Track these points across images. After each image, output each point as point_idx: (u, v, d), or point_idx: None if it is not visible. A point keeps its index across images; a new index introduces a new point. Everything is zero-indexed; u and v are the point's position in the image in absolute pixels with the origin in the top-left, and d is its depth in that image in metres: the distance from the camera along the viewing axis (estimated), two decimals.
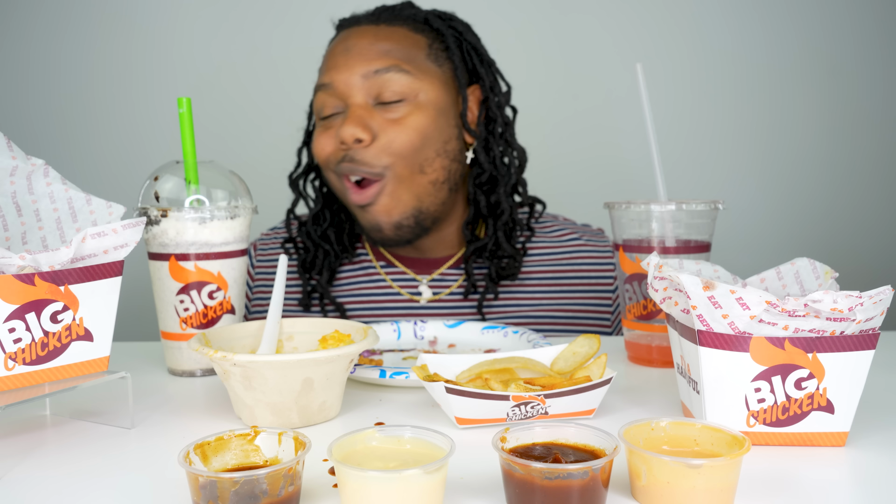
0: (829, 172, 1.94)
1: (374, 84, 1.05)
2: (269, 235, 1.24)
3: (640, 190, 1.81)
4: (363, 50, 1.06)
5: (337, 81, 1.06)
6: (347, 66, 1.05)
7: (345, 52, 1.07)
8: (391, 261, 1.17)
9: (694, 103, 1.93)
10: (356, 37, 1.08)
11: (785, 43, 1.91)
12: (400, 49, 1.07)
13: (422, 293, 1.14)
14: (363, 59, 1.05)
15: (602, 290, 1.16)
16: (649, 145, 0.89)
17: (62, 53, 1.88)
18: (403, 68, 1.05)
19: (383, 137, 1.04)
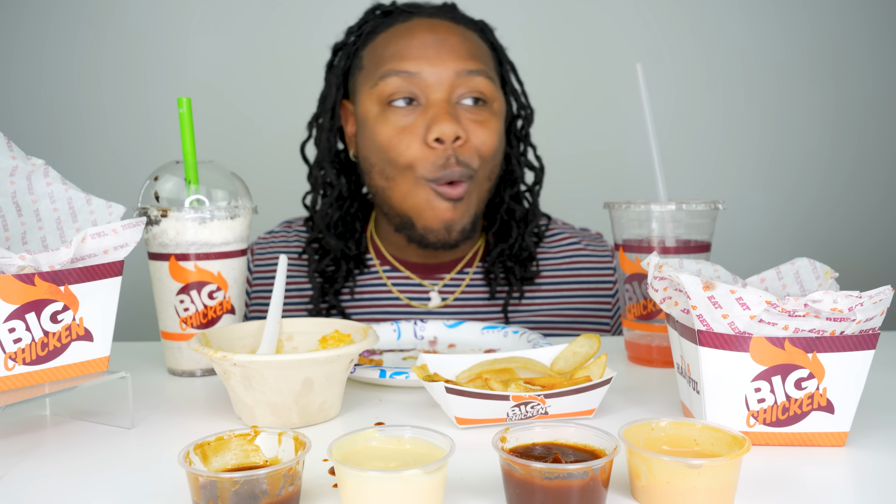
0: (829, 172, 1.94)
1: (462, 83, 1.04)
2: (265, 239, 1.22)
3: (640, 190, 1.81)
4: (456, 46, 1.04)
5: (426, 73, 1.03)
6: (440, 59, 1.03)
7: (437, 45, 1.04)
8: (397, 267, 1.16)
9: (694, 103, 1.93)
10: (445, 31, 1.06)
11: (786, 43, 1.91)
12: (482, 55, 1.08)
13: (431, 299, 1.13)
14: (457, 57, 1.04)
15: (601, 295, 1.16)
16: (649, 145, 0.89)
17: (62, 53, 1.88)
18: (489, 74, 1.06)
19: (474, 137, 1.04)
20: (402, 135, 1.04)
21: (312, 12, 1.89)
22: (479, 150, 1.05)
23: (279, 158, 1.87)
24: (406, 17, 1.10)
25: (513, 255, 1.14)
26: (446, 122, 1.01)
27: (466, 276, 1.16)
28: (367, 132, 1.07)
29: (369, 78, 1.07)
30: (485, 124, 1.05)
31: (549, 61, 1.91)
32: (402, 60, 1.04)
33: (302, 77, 1.89)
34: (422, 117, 1.03)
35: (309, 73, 1.89)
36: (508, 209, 1.16)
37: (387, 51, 1.06)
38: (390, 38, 1.07)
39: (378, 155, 1.06)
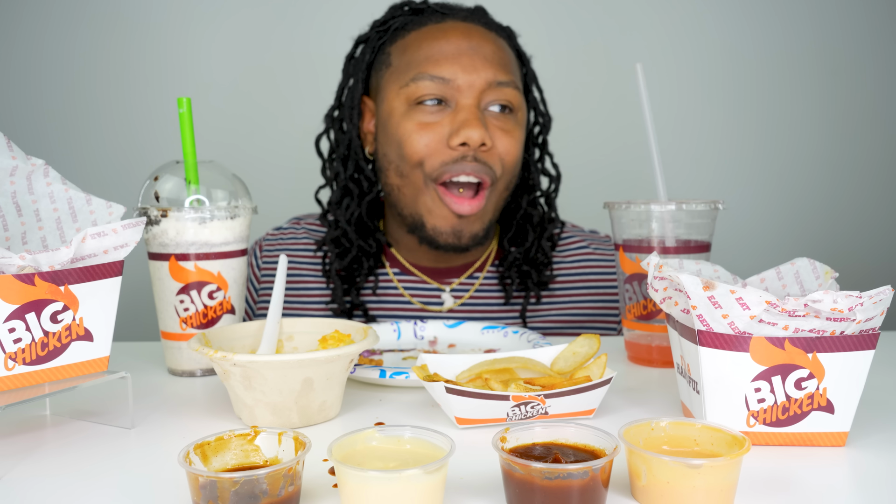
0: (829, 172, 1.94)
1: (492, 93, 1.04)
2: (274, 236, 1.21)
3: (640, 190, 1.81)
4: (490, 56, 1.04)
5: (459, 79, 1.02)
6: (474, 67, 1.03)
7: (471, 52, 1.04)
8: (408, 269, 1.15)
9: (694, 103, 1.93)
10: (479, 38, 1.06)
11: (786, 43, 1.91)
12: (511, 63, 1.08)
13: (444, 302, 1.13)
14: (491, 67, 1.04)
15: (608, 299, 1.17)
16: (649, 145, 0.89)
17: (62, 53, 1.88)
18: (518, 85, 1.06)
19: (500, 145, 1.04)
20: (423, 130, 1.03)
21: (313, 13, 1.89)
22: (503, 158, 1.05)
23: (279, 158, 1.87)
24: (439, 18, 1.09)
25: (529, 259, 1.14)
26: (475, 127, 1.01)
27: (477, 279, 1.15)
28: (389, 129, 1.07)
29: (399, 77, 1.06)
30: (510, 133, 1.05)
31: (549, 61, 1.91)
32: (437, 65, 1.03)
33: (302, 77, 1.89)
34: (449, 119, 1.03)
35: (309, 73, 1.89)
36: (525, 214, 1.16)
37: (420, 52, 1.05)
38: (423, 39, 1.06)
39: (395, 150, 1.06)
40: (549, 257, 1.15)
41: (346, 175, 1.13)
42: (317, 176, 1.23)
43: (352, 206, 1.13)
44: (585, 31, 1.92)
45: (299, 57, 1.89)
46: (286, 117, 1.88)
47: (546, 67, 1.90)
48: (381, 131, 1.09)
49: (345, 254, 1.13)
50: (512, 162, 1.06)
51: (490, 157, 1.03)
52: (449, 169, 1.03)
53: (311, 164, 1.91)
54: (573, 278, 1.17)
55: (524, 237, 1.16)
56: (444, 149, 1.02)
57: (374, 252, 1.14)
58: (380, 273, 1.16)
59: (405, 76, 1.05)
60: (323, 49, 1.89)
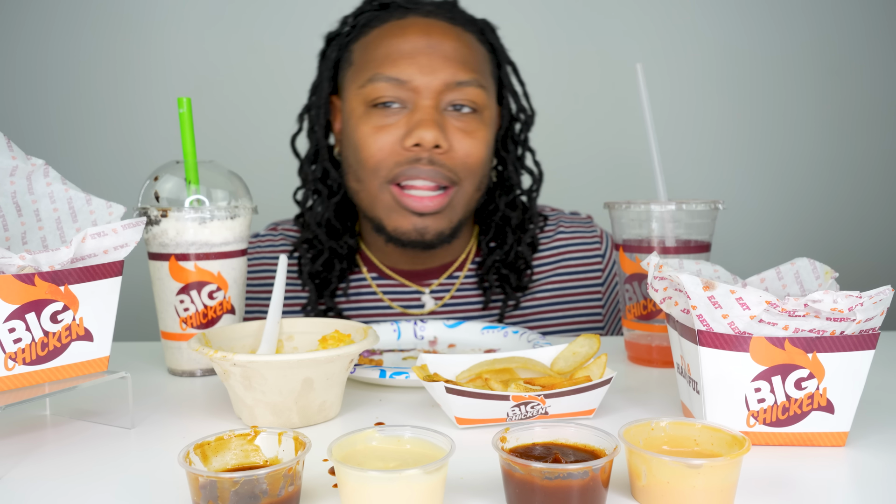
0: (829, 172, 1.94)
1: (451, 92, 1.01)
2: (252, 244, 1.18)
3: (640, 190, 1.81)
4: (449, 54, 1.01)
5: (416, 80, 1.00)
6: (432, 67, 1.00)
7: (428, 50, 1.00)
8: (386, 273, 1.13)
9: (694, 103, 1.93)
10: (440, 35, 1.02)
11: (785, 43, 1.91)
12: (477, 61, 1.04)
13: (424, 304, 1.11)
14: (449, 66, 1.00)
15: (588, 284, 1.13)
16: (649, 145, 0.89)
17: (62, 53, 1.88)
18: (482, 83, 1.03)
19: (459, 147, 1.01)
20: (379, 134, 1.01)
21: (313, 12, 1.89)
22: (465, 160, 1.02)
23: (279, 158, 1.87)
24: (402, 13, 1.05)
25: (507, 263, 1.12)
26: (429, 128, 0.98)
27: (457, 280, 1.13)
28: (348, 131, 1.05)
29: (358, 77, 1.04)
30: (472, 134, 1.02)
31: (549, 61, 1.92)
32: (393, 65, 1.01)
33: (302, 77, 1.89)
34: (405, 120, 1.01)
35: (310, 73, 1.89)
36: (504, 216, 1.13)
37: (378, 51, 1.03)
38: (383, 37, 1.04)
39: (353, 155, 1.04)
40: (529, 261, 1.12)
41: (314, 176, 1.12)
42: None
43: (322, 208, 1.11)
44: (585, 31, 1.92)
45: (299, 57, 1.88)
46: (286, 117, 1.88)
47: (546, 67, 1.90)
48: (344, 133, 1.08)
49: (317, 256, 1.12)
50: (476, 163, 1.03)
51: (449, 159, 1.01)
52: (404, 171, 1.01)
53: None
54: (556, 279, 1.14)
55: (503, 239, 1.13)
56: (400, 150, 1.00)
57: (347, 254, 1.12)
58: (356, 278, 1.14)
59: (363, 76, 1.03)
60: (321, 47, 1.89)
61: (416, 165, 1.00)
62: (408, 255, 1.11)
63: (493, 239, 1.15)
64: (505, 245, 1.12)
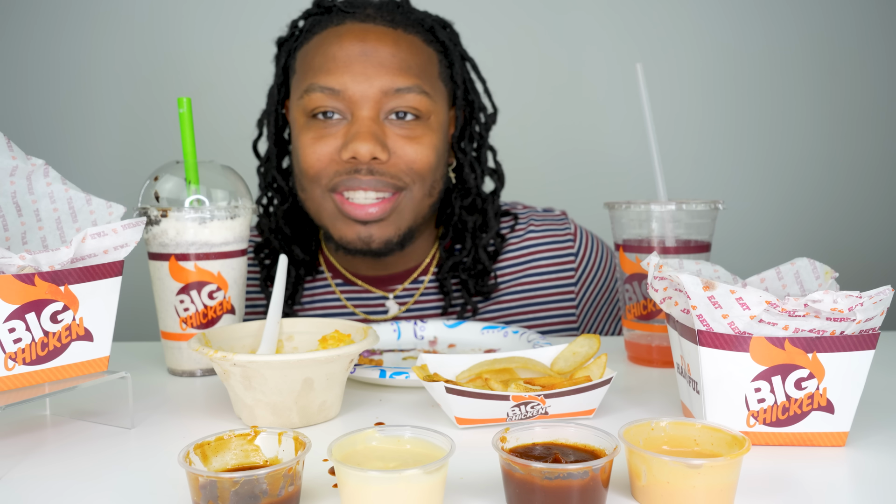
0: (829, 172, 1.94)
1: (390, 100, 0.98)
2: None
3: (640, 190, 1.81)
4: (384, 60, 0.98)
5: (350, 90, 0.97)
6: (366, 75, 0.97)
7: (363, 58, 0.97)
8: (350, 279, 1.11)
9: (694, 103, 1.93)
10: (375, 40, 0.98)
11: (785, 43, 1.91)
12: (418, 65, 1.00)
13: (389, 309, 1.09)
14: (385, 73, 0.97)
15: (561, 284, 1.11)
16: (649, 145, 0.89)
17: (62, 53, 1.88)
18: (424, 89, 1.00)
19: (403, 154, 0.99)
20: (316, 144, 0.99)
21: None
22: (410, 166, 1.00)
23: None
24: (340, 18, 1.02)
25: (466, 268, 1.09)
26: (364, 141, 0.96)
27: (421, 284, 1.11)
28: (293, 140, 1.04)
29: (298, 86, 1.02)
30: (417, 140, 1.00)
31: (549, 61, 1.92)
32: (327, 74, 0.98)
33: None
34: (344, 131, 0.99)
35: None
36: (460, 219, 1.10)
37: (315, 60, 1.00)
38: (320, 45, 1.01)
39: (296, 164, 1.03)
40: (488, 266, 1.09)
41: (266, 183, 1.11)
42: None
43: (274, 215, 1.10)
44: (585, 31, 1.92)
45: None
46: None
47: (545, 66, 1.90)
48: (291, 142, 1.06)
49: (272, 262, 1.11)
50: (423, 168, 1.00)
51: (391, 167, 0.99)
52: (343, 182, 0.99)
53: None
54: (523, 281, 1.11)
55: (463, 242, 1.10)
56: (338, 160, 0.99)
57: (302, 260, 1.10)
58: (320, 284, 1.12)
59: (301, 86, 1.01)
60: None
61: (356, 176, 0.98)
62: (367, 261, 1.09)
63: (452, 242, 1.12)
64: (463, 250, 1.10)
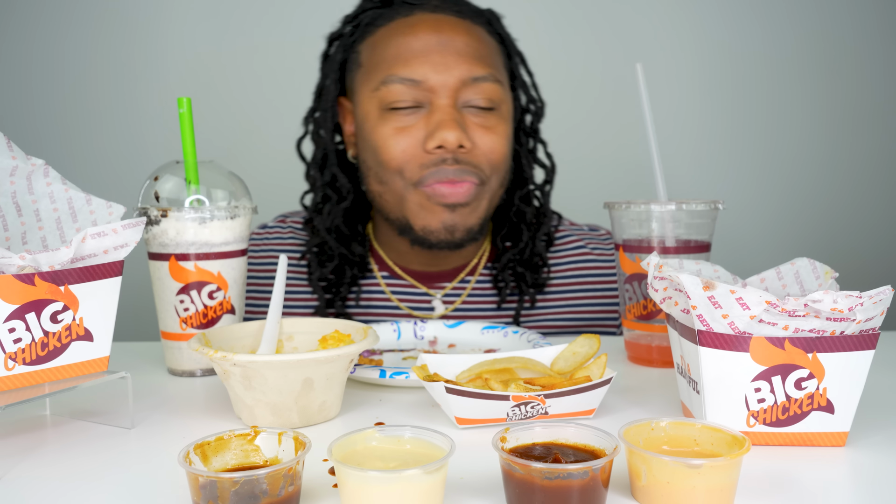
0: (829, 172, 1.94)
1: (468, 89, 0.99)
2: (259, 235, 1.16)
3: (640, 190, 1.81)
4: (461, 50, 0.99)
5: (431, 79, 0.98)
6: (446, 65, 0.98)
7: (440, 48, 0.98)
8: (398, 273, 1.11)
9: (694, 103, 1.93)
10: (450, 30, 1.00)
11: (785, 43, 1.91)
12: (490, 55, 1.02)
13: (435, 308, 1.10)
14: (463, 62, 0.98)
15: (607, 302, 1.13)
16: (649, 145, 0.89)
17: (62, 53, 1.88)
18: (498, 77, 1.01)
19: (482, 144, 1.00)
20: (399, 136, 0.99)
21: (313, 11, 1.89)
22: (489, 156, 1.00)
23: (279, 158, 1.87)
24: (408, 10, 1.02)
25: (523, 260, 1.10)
26: (450, 129, 0.96)
27: (469, 283, 1.11)
28: (364, 134, 1.03)
29: (369, 79, 1.02)
30: (493, 129, 1.01)
31: (549, 60, 1.91)
32: (406, 66, 0.98)
33: (303, 76, 1.89)
34: (424, 121, 0.99)
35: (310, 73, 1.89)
36: (518, 211, 1.11)
37: (388, 51, 1.00)
38: (391, 36, 1.01)
39: (373, 157, 1.02)
40: (545, 258, 1.11)
41: (323, 181, 1.09)
42: None
43: (331, 214, 1.09)
44: (586, 31, 1.92)
45: (300, 57, 1.88)
46: (286, 117, 1.88)
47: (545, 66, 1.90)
48: (359, 136, 1.05)
49: (327, 261, 1.10)
50: (499, 159, 1.02)
51: (474, 156, 0.99)
52: (431, 175, 0.99)
53: None
54: (569, 280, 1.13)
55: (518, 235, 1.11)
56: (422, 153, 0.99)
57: (359, 260, 1.10)
58: (368, 278, 1.12)
59: (375, 78, 1.01)
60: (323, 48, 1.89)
61: (442, 167, 0.98)
62: (424, 255, 1.09)
63: (507, 236, 1.13)
64: (520, 242, 1.10)
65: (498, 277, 1.11)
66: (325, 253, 1.11)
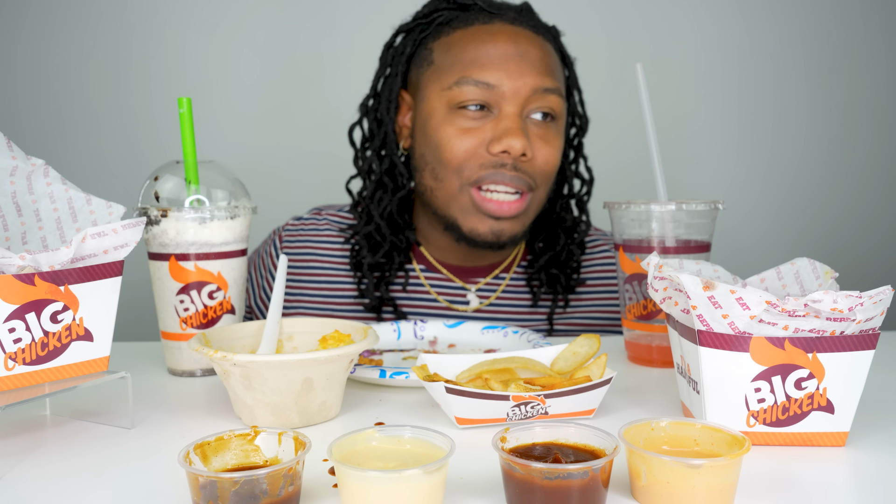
0: (829, 172, 1.94)
1: (537, 99, 1.02)
2: (294, 226, 1.18)
3: (640, 190, 1.81)
4: (536, 62, 1.02)
5: (504, 86, 1.00)
6: (521, 73, 1.00)
7: (518, 58, 1.01)
8: (436, 266, 1.14)
9: (694, 103, 1.93)
10: (527, 42, 1.03)
11: (785, 43, 1.91)
12: (557, 70, 1.05)
13: (470, 302, 1.12)
14: (537, 73, 1.01)
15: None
16: (649, 145, 0.89)
17: (62, 53, 1.88)
18: (562, 92, 1.04)
19: (539, 155, 1.02)
20: (464, 135, 1.01)
21: (313, 12, 1.89)
22: (544, 167, 1.03)
23: (279, 158, 1.87)
24: (487, 18, 1.05)
25: (559, 263, 1.13)
26: (517, 136, 0.99)
27: (503, 280, 1.14)
28: (428, 130, 1.05)
29: (441, 78, 1.04)
30: (550, 143, 1.04)
31: None
32: (483, 70, 1.01)
33: (302, 76, 1.89)
34: (491, 125, 1.01)
35: (309, 73, 1.89)
36: (558, 218, 1.15)
37: (465, 54, 1.03)
38: (469, 40, 1.03)
39: (433, 153, 1.04)
40: (579, 261, 1.15)
41: (382, 169, 1.11)
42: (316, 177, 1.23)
43: (385, 201, 1.11)
44: (586, 31, 1.92)
45: (299, 56, 1.89)
46: (286, 117, 1.88)
47: None
48: (419, 130, 1.07)
49: (377, 248, 1.12)
50: (551, 171, 1.05)
51: (530, 166, 1.02)
52: (488, 175, 1.01)
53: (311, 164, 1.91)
54: (599, 282, 1.16)
55: (555, 240, 1.15)
56: (484, 153, 1.01)
57: (405, 248, 1.13)
58: (408, 269, 1.15)
59: (448, 78, 1.03)
60: (323, 48, 1.89)
61: (501, 170, 1.01)
62: (464, 252, 1.12)
63: (544, 240, 1.16)
64: (557, 246, 1.14)
65: (532, 278, 1.14)
66: (374, 239, 1.12)
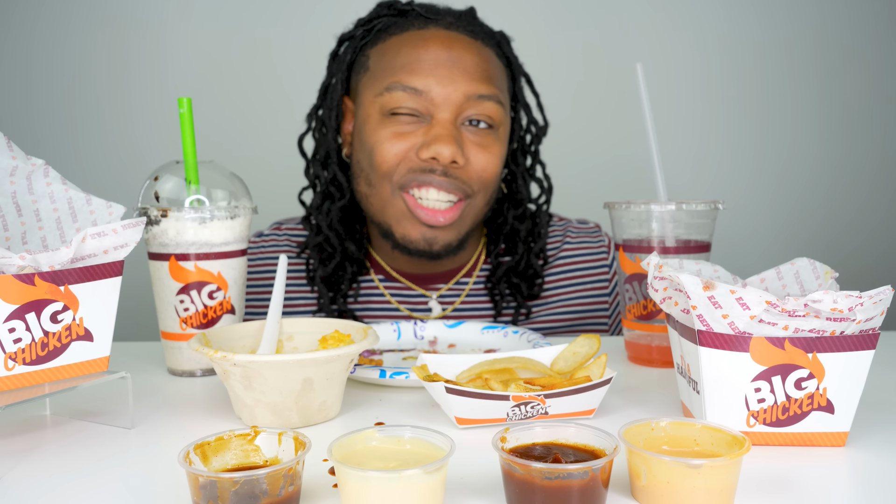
0: (829, 172, 1.94)
1: (471, 106, 1.00)
2: (255, 244, 1.17)
3: (640, 190, 1.81)
4: (470, 67, 1.01)
5: (434, 92, 0.99)
6: (452, 79, 0.99)
7: (450, 64, 1.00)
8: (393, 275, 1.13)
9: (694, 103, 1.93)
10: (461, 48, 1.01)
11: (785, 42, 1.91)
12: (496, 76, 1.04)
13: (432, 309, 1.11)
14: (470, 79, 1.00)
15: (598, 294, 1.15)
16: (649, 145, 0.89)
17: (62, 53, 1.88)
18: (500, 99, 1.03)
19: (475, 162, 1.01)
20: (395, 140, 1.00)
21: (312, 10, 1.89)
22: (481, 174, 1.02)
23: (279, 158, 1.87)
24: (422, 23, 1.04)
25: (518, 272, 1.12)
26: (447, 143, 0.98)
27: (466, 285, 1.13)
28: (363, 136, 1.04)
29: (374, 84, 1.03)
30: (488, 149, 1.02)
31: (548, 60, 1.91)
32: (412, 75, 1.00)
33: (302, 76, 1.89)
34: (423, 131, 1.00)
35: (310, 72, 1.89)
36: (513, 228, 1.14)
37: (396, 59, 1.02)
38: (402, 46, 1.02)
39: (367, 159, 1.03)
40: (539, 271, 1.13)
41: (327, 178, 1.11)
42: None
43: (333, 211, 1.10)
44: (586, 31, 1.92)
45: (299, 56, 1.88)
46: (286, 117, 1.88)
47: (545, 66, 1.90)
48: (357, 137, 1.07)
49: (329, 259, 1.11)
50: (490, 178, 1.04)
51: (464, 173, 1.01)
52: (416, 178, 1.00)
53: None
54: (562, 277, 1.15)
55: (514, 249, 1.13)
56: (414, 158, 1.00)
57: (358, 257, 1.11)
58: (365, 280, 1.13)
59: (380, 84, 1.02)
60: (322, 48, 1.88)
61: (430, 175, 1.00)
62: (414, 260, 1.11)
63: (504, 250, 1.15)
64: (515, 255, 1.12)
65: (494, 289, 1.12)
66: (325, 250, 1.12)
